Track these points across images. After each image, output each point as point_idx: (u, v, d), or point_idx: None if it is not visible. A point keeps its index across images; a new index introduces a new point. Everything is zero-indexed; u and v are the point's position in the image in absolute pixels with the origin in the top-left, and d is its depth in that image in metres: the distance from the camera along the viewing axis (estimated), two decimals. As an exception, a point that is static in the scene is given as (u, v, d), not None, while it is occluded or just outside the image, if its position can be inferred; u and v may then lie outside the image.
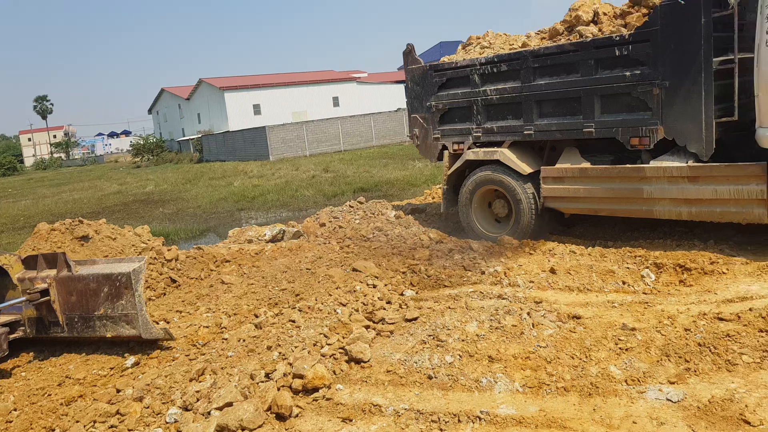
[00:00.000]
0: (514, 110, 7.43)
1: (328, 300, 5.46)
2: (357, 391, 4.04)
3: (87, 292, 5.37)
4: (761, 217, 5.82)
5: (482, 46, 8.27)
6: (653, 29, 6.14)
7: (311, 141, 35.78)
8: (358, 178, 19.22)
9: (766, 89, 5.65)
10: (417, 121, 8.58)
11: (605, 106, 6.66)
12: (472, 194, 7.95)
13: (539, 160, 7.52)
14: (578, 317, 4.84)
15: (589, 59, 6.62)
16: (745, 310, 4.59)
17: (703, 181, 6.07)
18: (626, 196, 6.61)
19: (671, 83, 6.09)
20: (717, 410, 3.45)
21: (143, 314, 5.15)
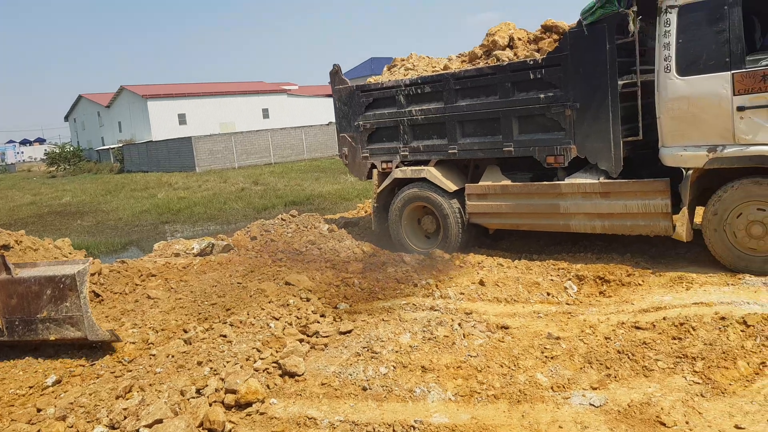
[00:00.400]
0: (438, 130, 7.69)
1: (260, 314, 5.41)
2: (291, 404, 4.03)
3: (28, 295, 5.27)
4: (667, 230, 6.21)
5: (406, 68, 8.56)
6: (563, 54, 6.53)
7: (240, 153, 35.20)
8: (289, 191, 19.09)
9: (666, 112, 6.03)
10: (346, 140, 8.72)
11: (522, 127, 6.99)
12: (401, 211, 8.12)
13: (464, 178, 7.80)
14: (506, 327, 5.02)
15: (506, 82, 6.96)
16: (659, 319, 4.88)
17: (613, 197, 6.44)
18: (545, 211, 6.94)
19: (581, 105, 6.47)
20: (636, 413, 3.67)
21: (89, 316, 5.09)
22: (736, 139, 5.66)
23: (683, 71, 5.87)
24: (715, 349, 4.28)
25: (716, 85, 5.67)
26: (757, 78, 5.47)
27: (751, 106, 5.53)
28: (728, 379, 3.95)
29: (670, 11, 5.89)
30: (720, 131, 5.73)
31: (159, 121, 48.40)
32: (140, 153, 41.57)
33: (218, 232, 12.14)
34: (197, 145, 34.08)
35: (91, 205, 21.10)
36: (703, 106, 5.78)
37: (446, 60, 8.40)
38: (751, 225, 5.77)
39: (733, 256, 5.91)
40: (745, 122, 5.58)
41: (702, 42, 5.75)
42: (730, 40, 5.59)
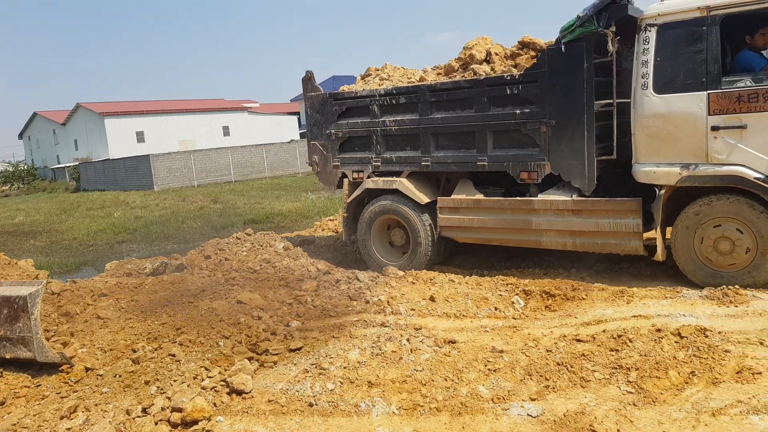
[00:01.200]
0: (412, 141, 7.66)
1: (210, 333, 5.42)
2: (238, 421, 4.07)
3: None
4: (637, 249, 6.32)
5: (381, 78, 8.48)
6: (541, 71, 6.58)
7: (199, 171, 34.87)
8: (249, 209, 19.01)
9: (641, 129, 6.15)
10: (316, 148, 8.62)
11: (497, 142, 7.02)
12: (371, 223, 8.09)
13: (436, 191, 7.81)
14: (454, 342, 5.13)
15: (483, 96, 6.97)
16: (599, 332, 5.06)
17: (585, 215, 6.54)
18: (517, 226, 7.00)
19: (557, 122, 6.53)
20: (570, 422, 3.80)
21: (38, 338, 5.13)
22: (709, 158, 5.80)
23: (660, 89, 6.00)
24: (649, 360, 4.45)
25: (692, 104, 5.81)
26: (731, 99, 5.63)
27: (725, 126, 5.69)
28: (659, 389, 4.10)
29: (649, 29, 6.03)
30: (694, 150, 5.87)
31: (116, 138, 47.58)
32: (97, 171, 40.80)
33: (175, 251, 12.01)
34: (155, 163, 33.65)
35: (46, 224, 20.61)
36: (678, 124, 5.91)
37: (422, 72, 8.42)
38: (718, 241, 5.93)
39: (701, 271, 6.08)
40: (718, 142, 5.73)
41: (680, 61, 5.89)
42: (707, 60, 5.74)
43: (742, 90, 5.61)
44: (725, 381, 4.10)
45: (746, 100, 5.57)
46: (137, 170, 34.93)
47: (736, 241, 5.86)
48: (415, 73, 8.52)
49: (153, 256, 10.18)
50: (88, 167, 42.62)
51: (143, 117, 49.45)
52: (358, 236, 8.26)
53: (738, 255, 5.88)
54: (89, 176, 41.73)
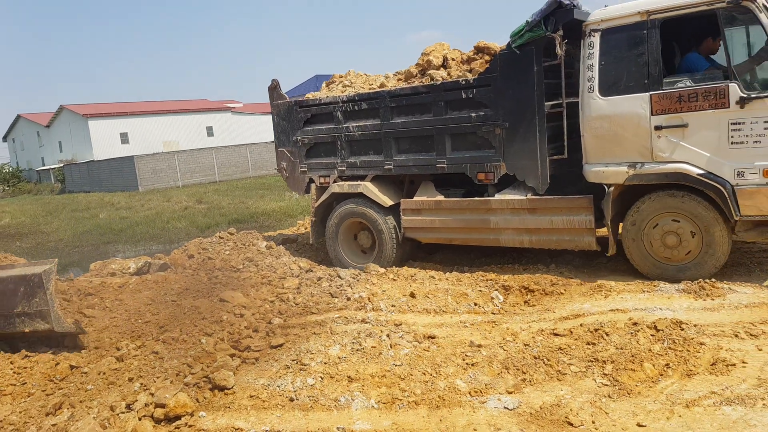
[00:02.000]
0: (375, 146, 7.83)
1: (193, 331, 5.46)
2: (220, 417, 4.12)
3: (6, 293, 5.77)
4: (590, 244, 6.53)
5: (344, 85, 8.68)
6: (493, 75, 6.77)
7: (184, 171, 34.71)
8: (233, 209, 18.96)
9: (589, 130, 6.36)
10: (284, 154, 8.79)
11: (455, 144, 7.21)
12: (338, 226, 8.23)
13: (400, 193, 7.97)
14: (433, 337, 5.21)
15: (440, 101, 7.16)
16: (576, 326, 5.15)
17: (540, 213, 6.72)
18: (476, 226, 7.18)
19: (510, 124, 6.72)
20: (546, 415, 3.88)
21: (55, 310, 5.61)
22: (654, 157, 6.00)
23: (605, 91, 6.19)
24: (624, 353, 4.54)
25: (635, 105, 6.00)
26: (673, 99, 5.82)
27: (667, 125, 5.88)
28: (635, 381, 4.19)
29: (593, 34, 6.23)
30: (639, 149, 6.06)
31: (100, 140, 47.23)
32: (82, 173, 40.47)
33: (160, 251, 11.99)
34: (140, 164, 33.44)
35: (31, 226, 20.42)
36: (624, 125, 6.10)
37: (383, 78, 8.58)
38: (665, 235, 6.13)
39: (649, 264, 6.28)
40: (662, 141, 5.93)
41: (623, 64, 6.08)
42: (648, 62, 5.93)
43: (682, 90, 5.79)
44: (700, 373, 4.19)
45: (687, 100, 5.76)
46: (122, 171, 34.70)
47: (682, 234, 6.05)
48: (377, 79, 8.71)
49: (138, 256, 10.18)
50: (73, 169, 42.27)
51: (127, 118, 49.13)
52: (327, 239, 8.42)
53: (684, 248, 6.07)
54: (74, 178, 41.40)
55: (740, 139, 5.59)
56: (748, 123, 5.53)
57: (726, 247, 5.94)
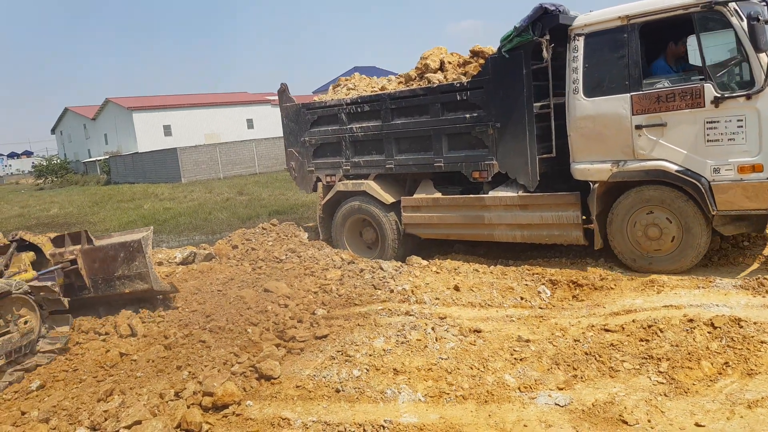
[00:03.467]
0: (377, 146, 8.14)
1: (239, 320, 5.50)
2: (267, 406, 4.12)
3: (107, 259, 6.47)
4: (578, 239, 6.72)
5: (348, 88, 9.03)
6: (486, 78, 7.04)
7: (225, 163, 35.20)
8: (273, 200, 19.11)
9: (575, 130, 6.54)
10: (293, 154, 9.15)
11: (451, 144, 7.48)
12: (344, 222, 8.54)
13: (401, 191, 8.22)
14: (479, 331, 5.14)
15: (437, 102, 7.43)
16: (628, 322, 5.01)
17: (531, 209, 6.94)
18: (471, 222, 7.40)
19: (502, 124, 6.96)
20: (599, 412, 3.77)
21: (153, 271, 6.32)
22: (635, 155, 6.21)
23: (589, 93, 6.40)
24: (680, 351, 4.39)
25: (617, 105, 6.22)
26: (652, 99, 6.03)
27: (647, 124, 6.08)
28: (692, 379, 4.06)
29: (578, 38, 6.44)
30: (622, 147, 6.27)
31: (144, 132, 48.24)
32: (126, 164, 41.43)
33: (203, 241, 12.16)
34: (182, 156, 34.02)
35: (78, 216, 20.98)
36: (607, 125, 6.31)
37: (385, 81, 8.97)
38: (647, 227, 6.29)
39: (634, 255, 6.43)
40: (642, 139, 6.13)
41: (605, 66, 6.30)
42: (629, 64, 6.15)
43: (660, 91, 6.01)
44: (762, 372, 4.02)
45: (665, 100, 5.98)
46: (165, 163, 35.38)
47: (664, 227, 6.23)
48: (379, 81, 9.08)
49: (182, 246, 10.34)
50: (118, 160, 43.30)
51: (170, 111, 50.02)
52: (333, 234, 8.70)
53: (665, 240, 6.25)
54: (119, 169, 42.41)
55: (716, 137, 5.79)
56: (723, 121, 5.72)
57: (705, 239, 6.10)
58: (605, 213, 6.61)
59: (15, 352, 5.27)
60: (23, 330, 5.41)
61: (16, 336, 5.33)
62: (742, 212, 5.83)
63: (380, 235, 8.14)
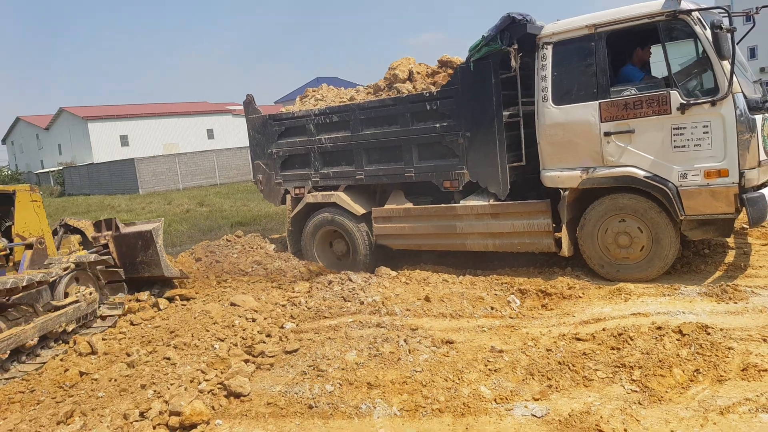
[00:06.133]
0: (346, 157, 8.08)
1: (205, 336, 5.33)
2: (237, 425, 3.98)
3: (130, 245, 7.39)
4: (549, 246, 6.74)
5: (316, 98, 8.96)
6: (455, 87, 7.05)
7: (185, 174, 34.56)
8: (235, 212, 18.80)
9: (545, 137, 6.60)
10: (260, 167, 8.97)
11: (422, 154, 7.48)
12: (314, 235, 8.41)
13: (372, 202, 8.16)
14: (451, 342, 5.09)
15: (406, 113, 7.44)
16: (599, 330, 5.03)
17: (502, 217, 6.96)
18: (443, 231, 7.39)
19: (471, 134, 6.99)
20: (576, 422, 3.75)
21: (163, 259, 7.24)
22: (604, 161, 6.27)
23: (558, 100, 6.46)
24: (651, 358, 4.41)
25: (586, 113, 6.28)
26: (619, 106, 6.10)
27: (615, 131, 6.15)
28: (664, 387, 4.06)
29: (546, 47, 6.50)
30: (591, 154, 6.33)
31: (100, 142, 47.14)
32: (81, 176, 40.34)
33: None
34: (140, 166, 33.30)
35: (28, 229, 20.22)
36: (576, 132, 6.37)
37: (353, 91, 8.92)
38: (618, 235, 6.36)
39: (603, 262, 6.50)
40: (611, 146, 6.19)
41: (573, 74, 6.37)
42: (596, 73, 6.22)
43: (628, 98, 6.09)
44: (731, 378, 4.07)
45: (632, 107, 6.06)
46: (122, 174, 34.57)
47: (634, 235, 6.31)
48: (348, 92, 9.04)
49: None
50: (73, 171, 42.12)
51: (127, 121, 49.03)
52: (303, 247, 8.55)
53: (635, 248, 6.34)
54: (74, 180, 41.24)
55: (682, 143, 5.88)
56: (689, 127, 5.82)
57: (674, 249, 6.20)
58: (575, 220, 6.66)
59: (83, 318, 6.30)
60: (89, 299, 6.40)
61: (83, 305, 6.32)
62: (709, 217, 5.90)
63: (351, 246, 8.06)
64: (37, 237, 6.62)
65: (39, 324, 5.68)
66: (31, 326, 5.61)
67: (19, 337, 5.44)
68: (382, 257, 8.06)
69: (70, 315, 6.10)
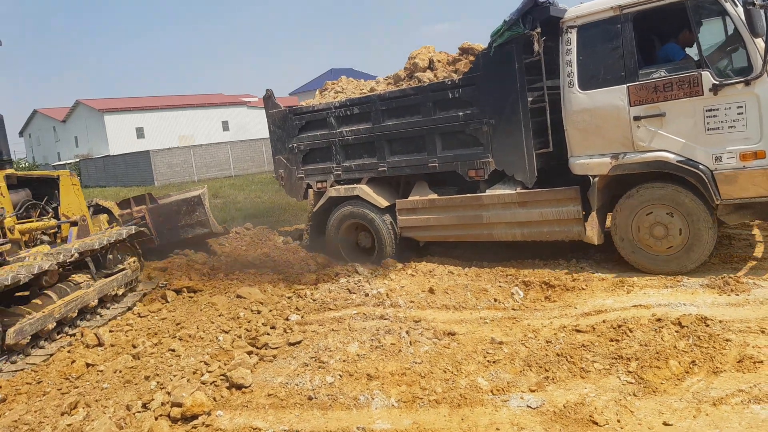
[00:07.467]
0: (368, 149, 8.00)
1: (210, 327, 5.43)
2: (237, 416, 4.07)
3: (170, 214, 8.73)
4: (580, 234, 6.60)
5: (336, 91, 8.88)
6: (477, 74, 6.94)
7: (199, 166, 34.79)
8: (249, 204, 18.94)
9: (572, 124, 6.47)
10: (281, 162, 8.94)
11: (445, 143, 7.37)
12: (338, 228, 8.34)
13: (395, 194, 8.10)
14: (453, 333, 5.13)
15: (428, 102, 7.33)
16: (599, 322, 5.06)
17: (530, 206, 6.84)
18: (469, 222, 7.29)
19: (496, 121, 6.86)
20: (570, 414, 3.79)
21: (211, 218, 8.77)
22: (635, 147, 6.13)
23: (584, 86, 6.32)
24: (649, 350, 4.43)
25: (614, 97, 6.14)
26: (649, 89, 5.95)
27: (645, 115, 6.00)
28: (660, 378, 4.09)
29: (570, 31, 6.36)
30: (620, 140, 6.19)
31: (116, 135, 47.59)
32: (98, 168, 40.79)
33: (175, 246, 11.98)
34: (155, 158, 33.58)
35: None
36: (604, 117, 6.23)
37: (373, 82, 8.83)
38: (653, 226, 6.20)
39: (635, 253, 6.35)
40: (641, 130, 6.05)
41: (599, 58, 6.23)
42: (624, 55, 6.06)
43: (657, 81, 5.92)
44: (726, 370, 4.08)
45: (662, 90, 5.90)
46: (138, 166, 34.91)
47: (668, 224, 6.13)
48: (367, 84, 8.93)
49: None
50: (89, 164, 42.60)
51: (143, 113, 49.40)
52: (327, 242, 8.51)
53: (670, 240, 6.15)
54: (90, 173, 41.71)
55: (716, 125, 5.72)
56: (723, 109, 5.65)
57: (711, 242, 6.03)
58: (605, 207, 6.56)
59: (129, 283, 7.10)
60: (133, 267, 7.24)
61: (129, 272, 7.11)
62: (746, 200, 5.73)
63: (377, 239, 7.98)
64: (80, 215, 7.32)
65: (98, 287, 6.42)
66: (92, 289, 6.31)
67: (83, 298, 6.13)
68: (409, 249, 7.99)
69: (120, 280, 6.84)
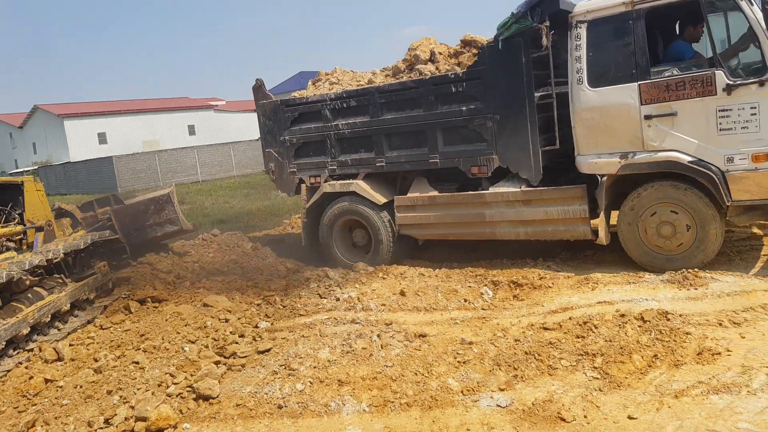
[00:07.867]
0: (365, 143, 7.67)
1: (175, 338, 5.33)
2: (205, 428, 4.01)
3: (138, 213, 8.85)
4: (585, 233, 6.48)
5: (331, 82, 8.50)
6: (482, 68, 6.72)
7: (165, 171, 34.22)
8: (217, 209, 18.70)
9: (580, 122, 6.35)
10: (272, 155, 8.54)
11: (447, 139, 7.11)
12: (332, 226, 8.03)
13: (393, 190, 7.83)
14: (424, 335, 5.13)
15: (430, 95, 7.06)
16: (566, 320, 5.11)
17: (534, 204, 6.68)
18: (471, 220, 7.09)
19: (501, 116, 6.66)
20: (539, 411, 3.82)
21: (180, 215, 8.96)
22: (645, 146, 6.03)
23: (594, 83, 6.19)
24: (613, 345, 4.50)
25: (624, 95, 6.02)
26: (661, 88, 5.85)
27: (657, 114, 5.91)
28: (624, 373, 4.15)
29: (580, 26, 6.22)
30: (630, 139, 6.08)
31: (77, 141, 46.55)
32: (58, 175, 39.82)
33: (140, 254, 11.77)
34: (119, 164, 32.93)
35: (5, 232, 19.97)
36: (614, 116, 6.12)
37: (370, 74, 8.46)
38: (660, 225, 6.12)
39: (642, 252, 6.28)
40: (652, 130, 5.95)
41: (610, 55, 6.10)
42: (635, 52, 5.96)
43: (670, 79, 5.82)
44: (687, 363, 4.18)
45: (675, 89, 5.80)
46: (100, 172, 34.18)
47: (677, 224, 6.06)
48: (364, 75, 8.57)
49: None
50: (49, 171, 41.53)
51: (105, 118, 48.44)
52: (321, 240, 8.21)
53: (677, 239, 6.09)
54: (50, 180, 40.57)
55: (728, 125, 5.63)
56: (736, 109, 5.57)
57: (718, 244, 5.98)
58: (612, 207, 6.49)
59: (100, 288, 7.24)
60: (104, 270, 7.42)
61: (99, 276, 7.28)
62: (757, 202, 5.68)
63: (373, 237, 7.69)
64: (45, 221, 7.42)
65: (70, 292, 6.45)
66: (64, 294, 6.35)
67: (56, 303, 6.18)
68: (407, 246, 7.83)
69: (91, 285, 6.96)
